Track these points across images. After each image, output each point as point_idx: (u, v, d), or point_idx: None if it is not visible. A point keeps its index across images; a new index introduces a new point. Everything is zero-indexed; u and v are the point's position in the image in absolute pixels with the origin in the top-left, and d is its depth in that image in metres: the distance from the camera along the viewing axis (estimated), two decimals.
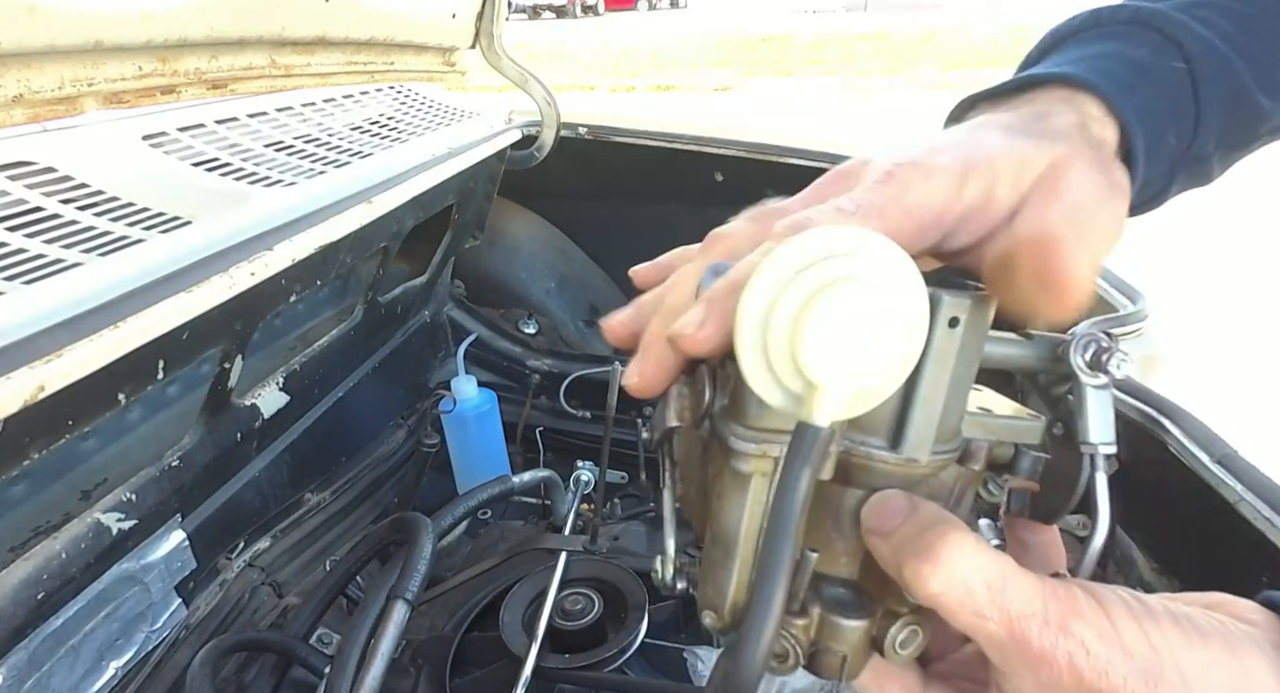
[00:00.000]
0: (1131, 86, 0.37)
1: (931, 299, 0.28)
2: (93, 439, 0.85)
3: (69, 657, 0.78)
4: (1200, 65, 0.39)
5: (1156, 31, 0.39)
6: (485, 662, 0.95)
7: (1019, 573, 0.29)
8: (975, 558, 0.29)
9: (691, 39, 15.50)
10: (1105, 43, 0.40)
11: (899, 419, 0.31)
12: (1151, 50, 0.39)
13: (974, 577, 0.29)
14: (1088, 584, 0.30)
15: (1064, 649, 0.28)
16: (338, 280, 1.19)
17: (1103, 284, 1.09)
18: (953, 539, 0.29)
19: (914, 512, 0.30)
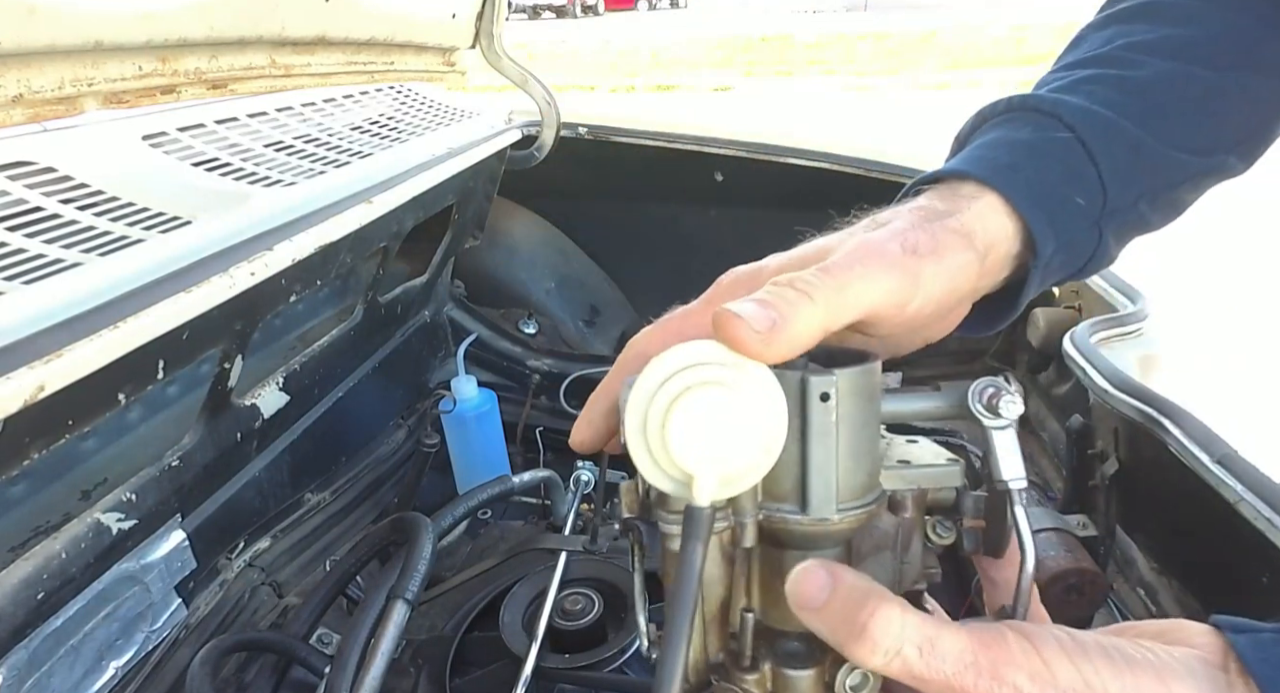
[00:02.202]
0: (1013, 166, 0.41)
1: (802, 382, 0.33)
2: (93, 439, 0.85)
3: (69, 657, 0.78)
4: (1084, 130, 0.42)
5: (1034, 111, 0.44)
6: (485, 662, 0.95)
7: (946, 631, 0.31)
8: (904, 628, 0.30)
9: (691, 39, 15.50)
10: (993, 132, 0.44)
11: (801, 486, 0.34)
12: (1033, 128, 0.43)
13: (907, 646, 0.30)
14: (1021, 626, 0.31)
15: None
16: (338, 280, 1.19)
17: (1102, 284, 1.09)
18: (880, 615, 0.30)
19: (837, 586, 0.31)
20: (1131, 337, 0.98)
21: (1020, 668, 0.30)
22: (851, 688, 0.34)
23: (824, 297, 0.34)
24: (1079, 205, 0.42)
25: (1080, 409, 0.98)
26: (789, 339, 0.32)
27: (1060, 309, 1.18)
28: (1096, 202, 0.43)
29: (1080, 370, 0.91)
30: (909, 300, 0.36)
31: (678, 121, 1.57)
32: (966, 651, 0.30)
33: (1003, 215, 0.40)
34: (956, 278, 0.38)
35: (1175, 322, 1.02)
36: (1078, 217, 0.43)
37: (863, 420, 0.34)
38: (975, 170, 0.41)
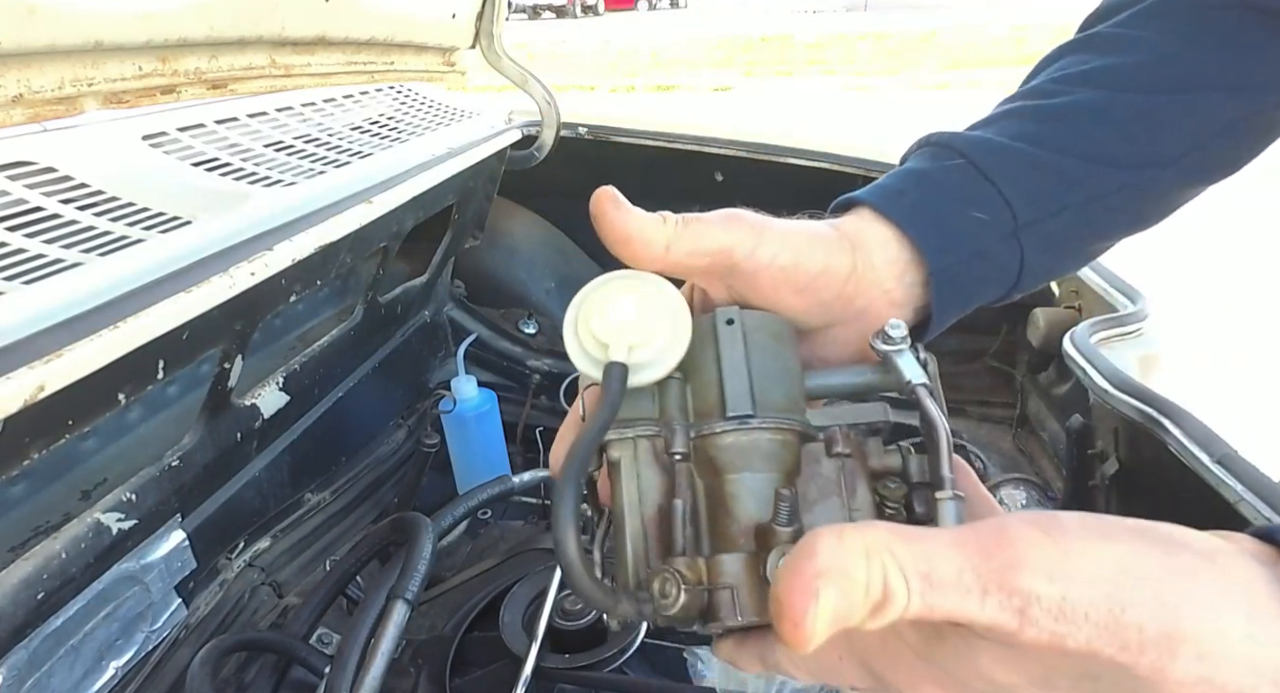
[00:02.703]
0: (900, 191, 0.46)
1: (712, 316, 0.40)
2: (93, 439, 0.85)
3: (69, 657, 0.78)
4: (975, 155, 0.47)
5: (934, 145, 0.49)
6: (485, 662, 0.95)
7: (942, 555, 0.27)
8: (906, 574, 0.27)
9: (691, 39, 15.50)
10: (900, 168, 0.50)
11: (720, 395, 0.37)
12: (929, 159, 0.49)
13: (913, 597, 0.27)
14: (1027, 516, 0.28)
15: (1014, 606, 0.26)
16: (338, 280, 1.19)
17: (1102, 284, 1.09)
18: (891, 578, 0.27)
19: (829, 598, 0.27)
20: (1131, 337, 0.98)
21: (1037, 569, 0.26)
22: None
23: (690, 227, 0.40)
24: (979, 219, 0.46)
25: (1080, 409, 0.98)
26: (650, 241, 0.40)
27: (1060, 309, 1.18)
28: (1004, 216, 0.46)
29: (1080, 370, 0.91)
30: (755, 245, 0.41)
31: (678, 121, 1.57)
32: (968, 566, 0.26)
33: (880, 225, 0.45)
34: (809, 243, 0.42)
35: (1175, 322, 1.02)
36: (983, 229, 0.46)
37: (773, 352, 0.39)
38: (860, 195, 0.46)
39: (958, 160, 0.47)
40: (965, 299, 0.47)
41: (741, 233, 0.41)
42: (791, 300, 0.42)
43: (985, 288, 0.48)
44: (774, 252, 0.41)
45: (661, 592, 0.33)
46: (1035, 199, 0.47)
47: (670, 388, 0.39)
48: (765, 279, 0.41)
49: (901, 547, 0.27)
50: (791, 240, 0.42)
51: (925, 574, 0.26)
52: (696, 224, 0.41)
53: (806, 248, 0.42)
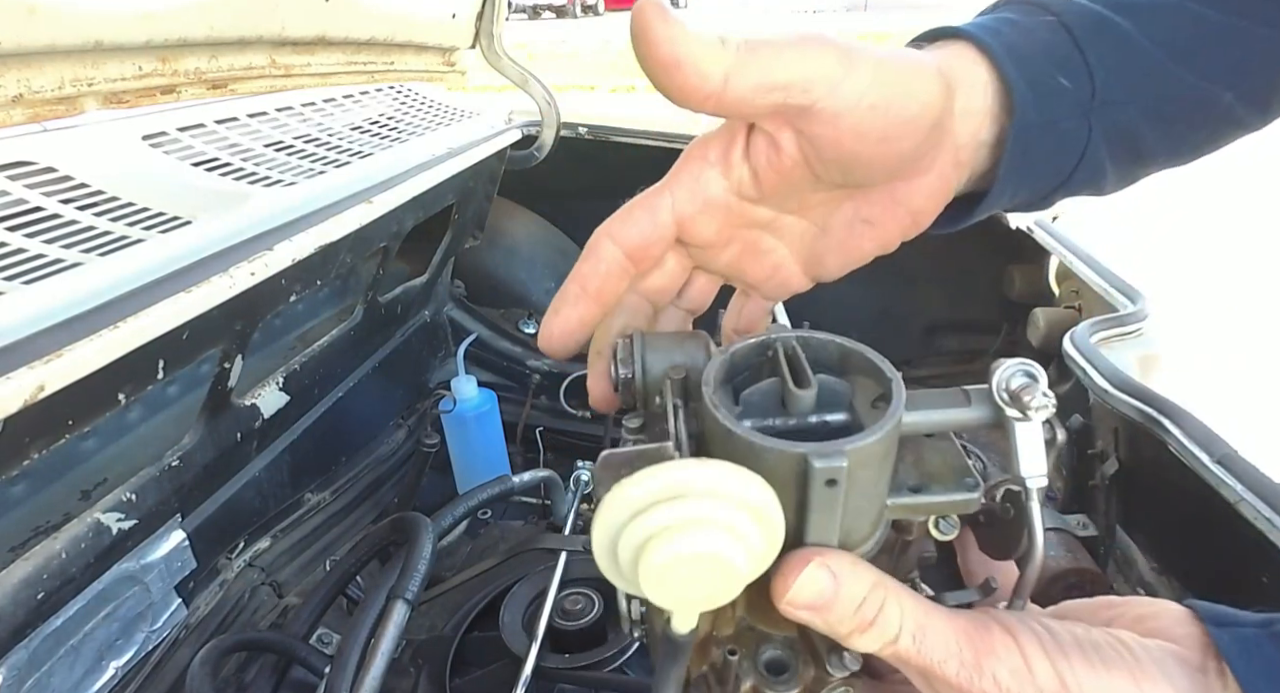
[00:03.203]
0: (997, 31, 0.40)
1: (804, 463, 0.28)
2: (93, 439, 0.85)
3: (69, 657, 0.78)
4: (1069, 17, 0.41)
5: (1023, 3, 0.42)
6: (485, 662, 0.95)
7: (936, 619, 0.32)
8: (902, 616, 0.32)
9: None
10: (988, 14, 0.43)
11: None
12: (1021, 12, 0.42)
13: (903, 633, 0.32)
14: (1005, 619, 0.33)
15: (979, 687, 0.31)
16: (338, 280, 1.19)
17: (1102, 284, 1.09)
18: (886, 609, 0.32)
19: (840, 587, 0.31)
20: (1131, 337, 0.98)
21: (1001, 662, 0.31)
22: None
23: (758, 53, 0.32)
24: (1063, 86, 0.40)
25: (1080, 409, 0.98)
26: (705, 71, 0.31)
27: (1060, 309, 1.18)
28: (1085, 88, 0.41)
29: (1080, 370, 0.91)
30: (841, 78, 0.33)
31: (678, 121, 1.57)
32: (953, 641, 0.32)
33: (978, 64, 0.38)
34: (906, 77, 0.35)
35: (1175, 322, 1.02)
36: (1063, 97, 0.40)
37: (873, 482, 0.30)
38: (962, 27, 0.40)
39: (1049, 18, 0.41)
40: (1023, 178, 0.42)
41: (825, 60, 0.33)
42: (873, 150, 0.35)
43: (1044, 171, 0.42)
44: (864, 87, 0.33)
45: None
46: (1115, 78, 0.41)
47: None
48: (848, 124, 0.33)
49: (909, 598, 0.32)
50: (885, 73, 0.34)
51: (921, 626, 0.32)
52: (766, 49, 0.32)
53: (903, 83, 0.34)
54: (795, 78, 0.32)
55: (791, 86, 0.32)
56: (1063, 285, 1.21)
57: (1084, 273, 1.12)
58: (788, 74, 0.32)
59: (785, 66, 0.32)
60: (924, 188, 0.38)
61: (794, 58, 0.32)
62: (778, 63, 0.32)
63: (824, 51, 0.33)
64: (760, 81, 0.32)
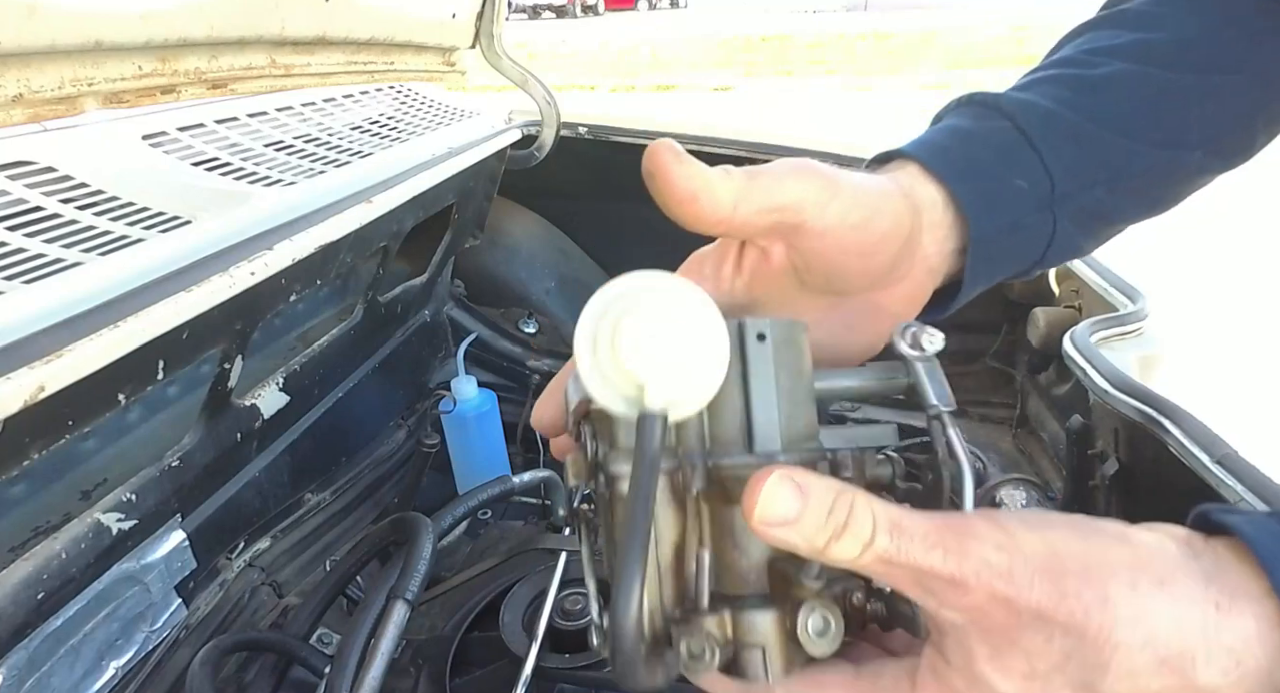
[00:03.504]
0: (946, 148, 0.44)
1: (739, 326, 0.35)
2: (93, 439, 0.85)
3: (69, 657, 0.78)
4: (1021, 119, 0.45)
5: (979, 105, 0.47)
6: (485, 662, 0.95)
7: (911, 515, 0.31)
8: (874, 515, 0.31)
9: (691, 39, 15.49)
10: (941, 123, 0.48)
11: (746, 424, 0.35)
12: (973, 118, 0.46)
13: (879, 533, 0.31)
14: (986, 510, 0.32)
15: (968, 569, 0.30)
16: (338, 280, 1.19)
17: (1102, 284, 1.09)
18: (856, 510, 0.31)
19: (808, 495, 0.31)
20: (1131, 337, 0.98)
21: (986, 540, 0.30)
22: (815, 631, 0.33)
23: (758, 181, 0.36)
24: (1020, 187, 0.44)
25: (1080, 409, 0.98)
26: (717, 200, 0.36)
27: (1060, 309, 1.18)
28: (1043, 186, 0.45)
29: (1080, 370, 0.91)
30: (828, 201, 0.38)
31: (678, 121, 1.57)
32: (932, 531, 0.30)
33: (929, 185, 0.43)
34: (880, 201, 0.40)
35: (1175, 322, 1.02)
36: (1022, 198, 0.44)
37: (797, 369, 0.36)
38: (907, 149, 0.44)
39: (1003, 123, 0.45)
40: (994, 271, 0.46)
41: (814, 186, 0.37)
42: (853, 263, 0.40)
43: (1014, 261, 0.47)
44: (846, 209, 0.38)
45: (691, 652, 0.32)
46: (1073, 171, 0.45)
47: (690, 423, 0.35)
48: (833, 240, 0.38)
49: (878, 502, 0.31)
50: (864, 197, 0.39)
51: (896, 523, 0.31)
52: (764, 177, 0.37)
53: (877, 205, 0.39)
54: (791, 201, 0.37)
55: (787, 208, 0.37)
56: (1063, 285, 1.21)
57: (1084, 273, 1.12)
58: (785, 198, 0.37)
59: (782, 191, 0.37)
60: (900, 295, 0.43)
61: (789, 184, 0.37)
62: (776, 188, 0.37)
63: (814, 178, 0.38)
64: (762, 205, 0.37)
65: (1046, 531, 0.31)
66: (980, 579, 0.30)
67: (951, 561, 0.30)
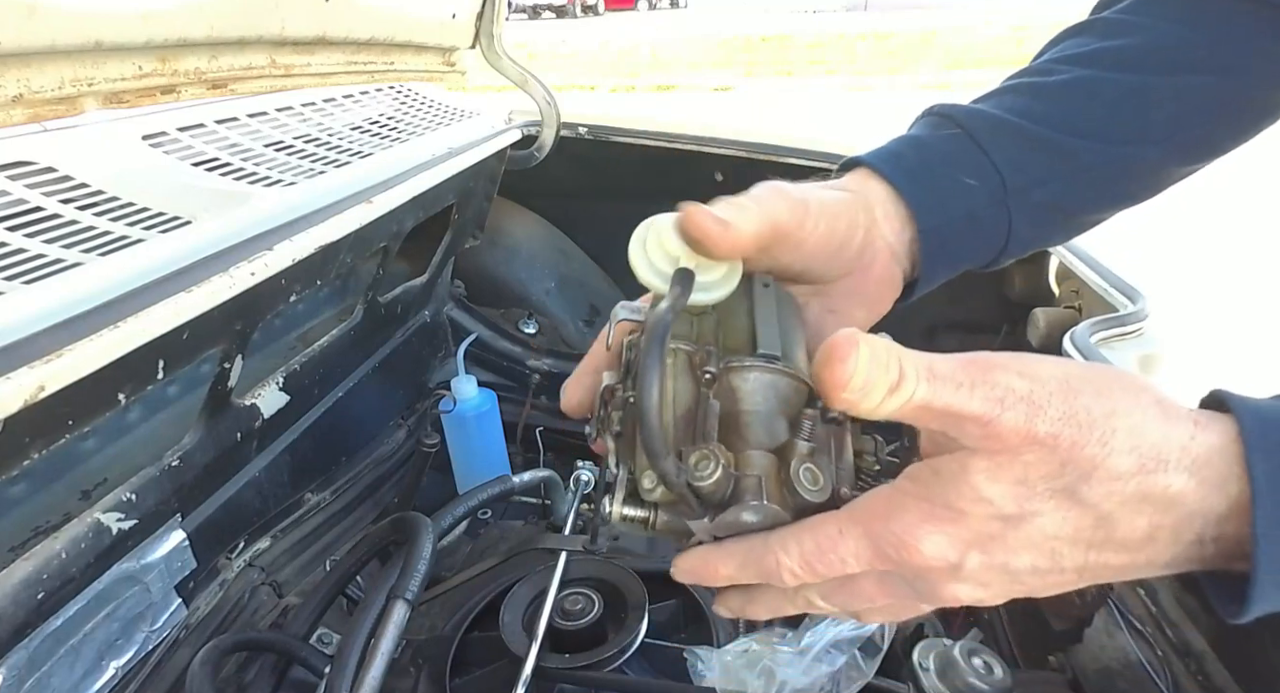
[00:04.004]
0: (897, 154, 0.51)
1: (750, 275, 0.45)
2: (93, 439, 0.85)
3: (69, 657, 0.78)
4: (970, 126, 0.51)
5: (935, 116, 0.54)
6: (485, 662, 0.95)
7: (942, 361, 0.34)
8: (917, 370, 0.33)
9: (691, 39, 15.49)
10: (904, 134, 0.55)
11: (751, 338, 0.42)
12: (929, 127, 0.53)
13: (920, 383, 0.33)
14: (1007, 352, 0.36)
15: (994, 397, 0.33)
16: (338, 280, 1.19)
17: (1102, 284, 1.09)
18: (904, 363, 0.33)
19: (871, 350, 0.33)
20: (1131, 337, 0.98)
21: (1009, 369, 0.33)
22: (807, 481, 0.37)
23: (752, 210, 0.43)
24: (970, 184, 0.50)
25: None
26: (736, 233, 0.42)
27: (1060, 309, 1.18)
28: (993, 181, 0.51)
29: None
30: (803, 217, 0.45)
31: (678, 121, 1.57)
32: (958, 369, 0.33)
33: (879, 184, 0.50)
34: (838, 207, 0.47)
35: (1175, 322, 1.02)
36: (973, 194, 0.51)
37: (792, 317, 0.45)
38: (863, 157, 0.51)
39: (954, 130, 0.52)
40: (953, 259, 0.52)
41: (792, 208, 0.45)
42: (824, 261, 0.47)
43: (973, 250, 0.53)
44: (815, 221, 0.46)
45: (698, 465, 0.36)
46: (1024, 168, 0.51)
47: (707, 320, 0.44)
48: (808, 246, 0.46)
49: (906, 351, 0.34)
50: (828, 209, 0.46)
51: (929, 368, 0.33)
52: (752, 204, 0.44)
53: (838, 214, 0.47)
54: (776, 222, 0.44)
55: (774, 228, 0.44)
56: (1063, 285, 1.21)
57: (1084, 273, 1.12)
58: (772, 218, 0.44)
59: (767, 214, 0.44)
60: (871, 279, 0.50)
61: (771, 207, 0.44)
62: (762, 211, 0.44)
63: (789, 200, 0.45)
64: (758, 228, 0.43)
65: (1058, 362, 0.34)
66: (1004, 405, 0.33)
67: (978, 394, 0.33)
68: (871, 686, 0.79)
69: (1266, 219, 4.19)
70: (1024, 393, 0.33)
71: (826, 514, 0.37)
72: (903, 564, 0.35)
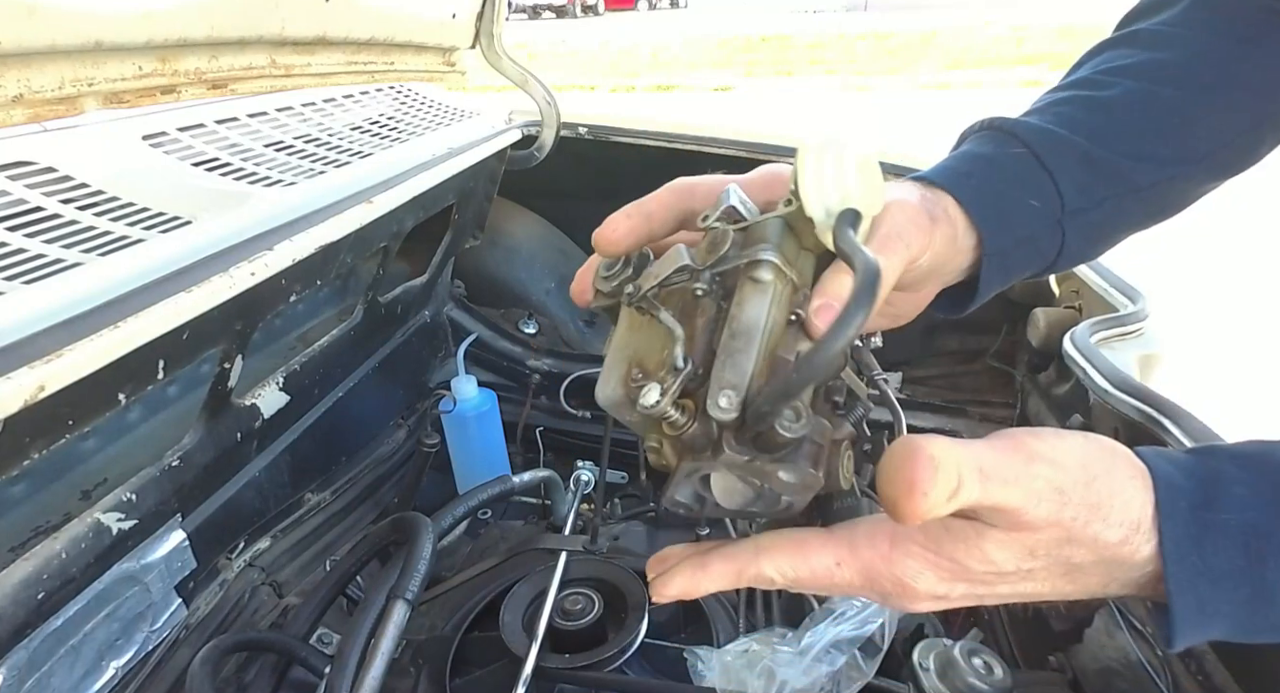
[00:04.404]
0: (968, 174, 0.51)
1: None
2: (93, 439, 0.85)
3: (69, 657, 0.78)
4: (1037, 146, 0.52)
5: (998, 130, 0.54)
6: (485, 662, 0.95)
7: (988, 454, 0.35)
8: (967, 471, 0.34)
9: (691, 39, 15.49)
10: (965, 147, 0.55)
11: None
12: (994, 145, 0.53)
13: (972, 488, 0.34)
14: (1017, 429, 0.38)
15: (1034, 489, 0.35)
16: (338, 280, 1.19)
17: (1103, 284, 1.09)
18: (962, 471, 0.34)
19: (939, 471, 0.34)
20: (1131, 337, 0.98)
21: (1043, 458, 0.36)
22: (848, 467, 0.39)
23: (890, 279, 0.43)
24: (1033, 207, 0.51)
25: (1080, 409, 0.98)
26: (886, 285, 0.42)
27: (1061, 309, 1.18)
28: (1054, 204, 0.52)
29: (1080, 370, 0.91)
30: (925, 248, 0.46)
31: (678, 121, 1.57)
32: (1003, 463, 0.35)
33: (952, 203, 0.50)
34: (947, 245, 0.48)
35: (1175, 322, 1.02)
36: (1035, 216, 0.52)
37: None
38: (934, 176, 0.51)
39: (1019, 149, 0.52)
40: (1007, 276, 0.53)
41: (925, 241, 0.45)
42: (913, 283, 0.49)
43: (1025, 268, 0.54)
44: (933, 251, 0.46)
45: (791, 418, 0.35)
46: (1083, 190, 0.52)
47: (809, 258, 0.42)
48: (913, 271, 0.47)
49: (962, 452, 0.35)
50: (941, 235, 0.47)
51: (980, 469, 0.35)
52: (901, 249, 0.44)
53: (948, 242, 0.48)
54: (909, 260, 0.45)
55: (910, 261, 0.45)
56: (1063, 285, 1.21)
57: (1084, 273, 1.12)
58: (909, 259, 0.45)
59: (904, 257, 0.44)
60: (920, 296, 0.52)
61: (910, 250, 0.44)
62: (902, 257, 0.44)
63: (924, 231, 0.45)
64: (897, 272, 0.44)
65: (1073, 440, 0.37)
66: (1039, 499, 0.35)
67: (1019, 489, 0.35)
68: (871, 686, 0.79)
69: (1266, 219, 4.18)
70: (1057, 484, 0.36)
71: (822, 541, 0.39)
72: (891, 594, 0.39)
